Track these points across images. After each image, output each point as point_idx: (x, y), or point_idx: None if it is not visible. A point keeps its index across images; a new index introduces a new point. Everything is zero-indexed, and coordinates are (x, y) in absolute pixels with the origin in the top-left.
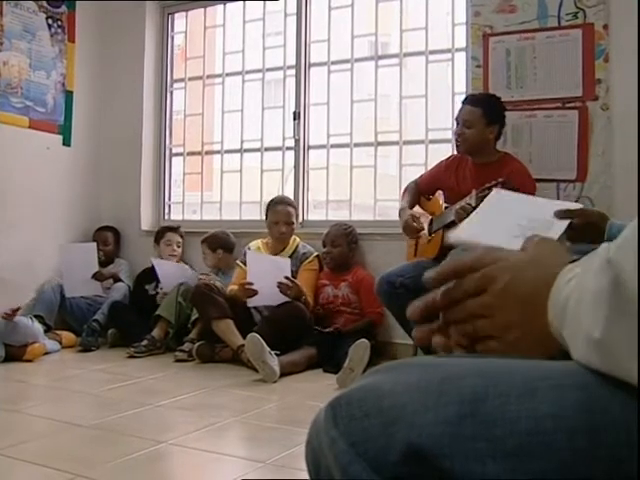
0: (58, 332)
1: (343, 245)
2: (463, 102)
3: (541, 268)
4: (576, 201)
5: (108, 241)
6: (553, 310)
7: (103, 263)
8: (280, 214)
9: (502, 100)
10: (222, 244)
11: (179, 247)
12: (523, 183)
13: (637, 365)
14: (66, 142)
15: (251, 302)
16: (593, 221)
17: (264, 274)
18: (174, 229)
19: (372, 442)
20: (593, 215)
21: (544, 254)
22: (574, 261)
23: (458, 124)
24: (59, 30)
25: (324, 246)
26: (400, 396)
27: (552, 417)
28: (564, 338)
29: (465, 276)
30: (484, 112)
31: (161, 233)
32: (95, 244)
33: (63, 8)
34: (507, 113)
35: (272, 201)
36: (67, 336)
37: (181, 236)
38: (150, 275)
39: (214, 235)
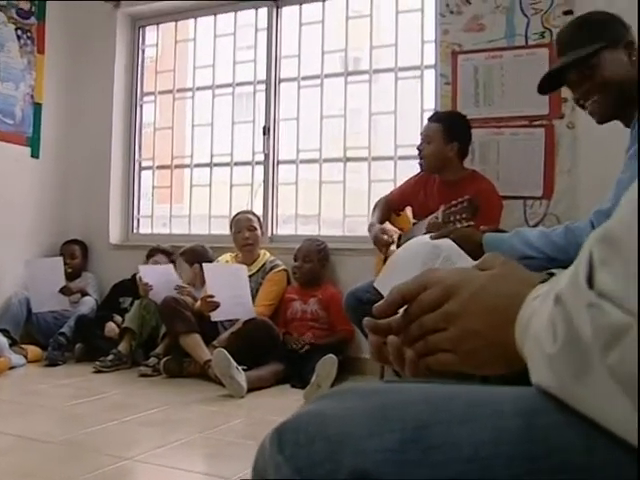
0: (24, 346)
1: (314, 261)
2: (428, 119)
3: (512, 283)
4: (542, 218)
5: (75, 254)
6: (518, 327)
7: (70, 277)
8: (241, 222)
9: (469, 117)
10: (200, 258)
11: None
12: (489, 201)
13: (579, 390)
14: (34, 154)
15: (215, 316)
16: (467, 234)
17: (223, 285)
18: (166, 252)
19: (318, 468)
20: (460, 230)
21: (513, 272)
22: (544, 281)
23: (422, 141)
24: (28, 42)
25: (295, 260)
26: (345, 422)
27: (491, 444)
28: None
29: (415, 298)
30: (443, 128)
31: (153, 252)
32: (61, 258)
33: (33, 19)
34: (475, 130)
35: (234, 216)
36: (33, 350)
37: (171, 262)
38: (127, 288)
39: (192, 249)
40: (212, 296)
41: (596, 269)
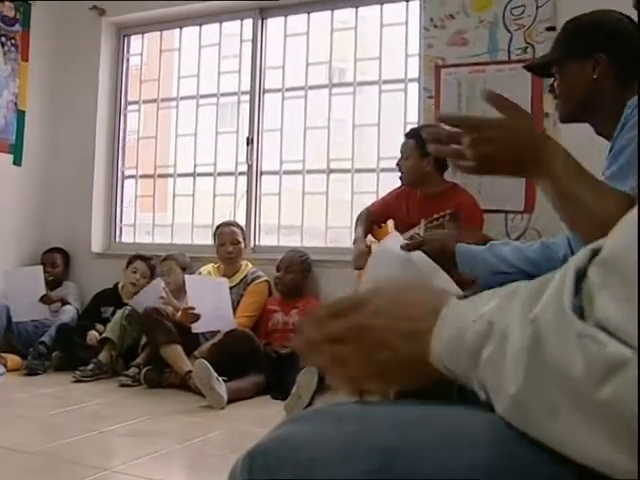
0: (3, 355)
1: (297, 272)
2: (405, 135)
3: (420, 294)
4: (523, 232)
5: (56, 263)
6: (444, 344)
7: (51, 285)
8: (225, 234)
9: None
10: (189, 265)
11: (145, 278)
12: (471, 215)
13: (548, 424)
14: (17, 162)
15: (195, 327)
16: (442, 243)
17: (204, 297)
18: (145, 258)
19: None
20: (433, 241)
21: (424, 283)
22: (467, 296)
23: (400, 157)
24: (12, 49)
25: (277, 271)
26: (314, 448)
27: (464, 474)
28: (471, 381)
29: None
30: (417, 144)
31: (132, 259)
32: (41, 267)
33: (17, 27)
34: None
35: (218, 226)
36: (13, 359)
37: (151, 268)
38: (109, 298)
39: (182, 255)
40: (193, 308)
41: (595, 295)
